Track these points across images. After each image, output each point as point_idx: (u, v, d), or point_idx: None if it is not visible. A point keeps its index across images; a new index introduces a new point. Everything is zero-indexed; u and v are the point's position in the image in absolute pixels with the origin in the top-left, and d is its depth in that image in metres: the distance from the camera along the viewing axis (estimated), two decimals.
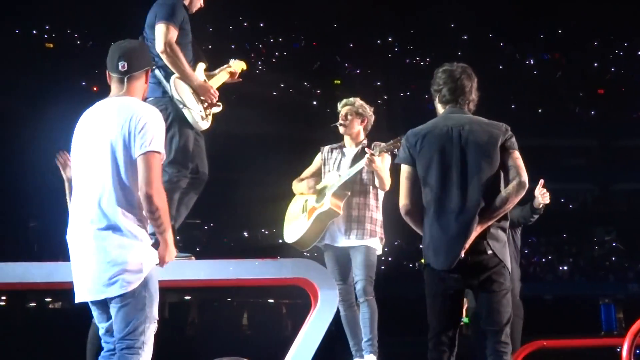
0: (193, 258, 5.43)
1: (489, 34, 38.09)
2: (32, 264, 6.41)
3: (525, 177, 4.76)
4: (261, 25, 36.27)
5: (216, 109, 5.86)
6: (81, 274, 4.24)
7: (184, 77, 5.65)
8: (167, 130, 5.42)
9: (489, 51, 37.52)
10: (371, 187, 6.71)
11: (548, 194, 7.34)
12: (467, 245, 4.65)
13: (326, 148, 7.03)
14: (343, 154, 6.87)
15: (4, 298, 23.77)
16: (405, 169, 5.02)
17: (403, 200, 5.01)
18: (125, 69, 4.32)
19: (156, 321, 4.20)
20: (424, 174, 4.87)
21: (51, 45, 31.20)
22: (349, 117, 6.85)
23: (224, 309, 25.48)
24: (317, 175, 6.99)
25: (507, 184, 4.78)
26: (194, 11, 6.01)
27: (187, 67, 5.67)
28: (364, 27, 35.89)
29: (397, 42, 38.64)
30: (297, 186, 7.04)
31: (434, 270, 4.81)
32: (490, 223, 4.69)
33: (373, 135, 6.96)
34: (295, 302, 21.80)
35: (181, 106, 5.60)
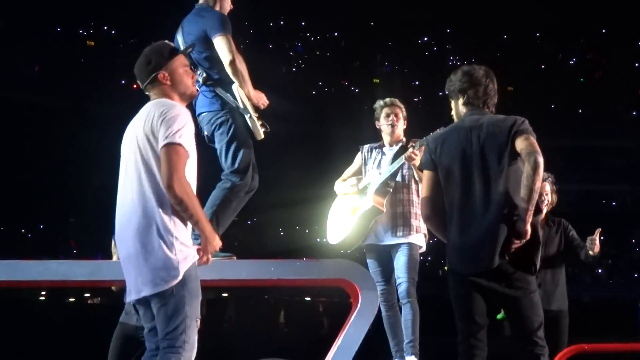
0: (234, 258, 5.46)
1: (529, 33, 37.77)
2: (76, 262, 6.49)
3: (536, 155, 4.61)
4: (302, 24, 36.29)
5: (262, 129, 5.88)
6: (126, 273, 4.28)
7: (245, 86, 5.69)
8: (231, 141, 5.51)
9: (529, 51, 37.25)
10: (413, 183, 6.72)
11: (599, 245, 7.00)
12: (497, 249, 4.63)
13: (366, 147, 7.04)
14: (383, 153, 6.89)
15: (43, 293, 24.01)
16: (427, 174, 5.03)
17: (424, 206, 5.02)
18: (141, 85, 4.49)
19: (198, 319, 4.21)
20: (445, 179, 4.86)
21: (92, 44, 31.40)
22: (401, 119, 6.90)
23: (261, 306, 25.51)
24: (358, 174, 7.02)
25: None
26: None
27: (248, 76, 5.73)
28: (403, 26, 35.77)
29: (436, 41, 38.49)
30: (339, 186, 7.06)
31: (458, 275, 4.80)
32: (529, 215, 4.61)
33: (411, 135, 6.97)
34: (332, 300, 21.84)
35: (247, 115, 5.65)
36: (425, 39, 38.19)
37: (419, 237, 6.65)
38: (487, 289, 4.72)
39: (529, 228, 4.60)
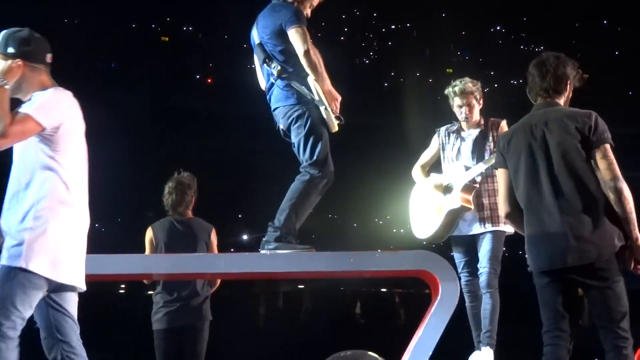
0: (313, 250, 5.49)
1: (603, 19, 37.19)
2: (157, 255, 6.60)
3: (616, 183, 4.60)
4: (374, 15, 36.23)
5: (336, 121, 5.87)
6: None
7: (320, 80, 5.70)
8: (308, 134, 5.54)
9: (604, 37, 36.65)
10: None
11: None
12: (571, 244, 4.59)
13: (442, 130, 6.95)
14: (462, 139, 6.80)
15: (123, 286, 24.35)
16: (499, 172, 5.02)
17: (501, 204, 5.00)
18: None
19: None
20: (514, 176, 4.84)
21: (167, 39, 31.75)
22: (473, 105, 6.80)
23: (337, 297, 25.55)
24: (437, 159, 6.95)
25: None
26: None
27: (323, 68, 5.74)
28: (475, 15, 35.50)
29: (508, 30, 38.11)
30: (419, 176, 7.00)
31: (539, 268, 4.77)
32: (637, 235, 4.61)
33: (488, 115, 6.88)
34: (408, 291, 21.79)
35: (323, 107, 5.67)
36: (499, 27, 37.82)
37: (507, 226, 6.59)
38: (570, 280, 4.69)
39: None
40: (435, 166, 7.01)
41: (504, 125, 6.68)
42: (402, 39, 36.81)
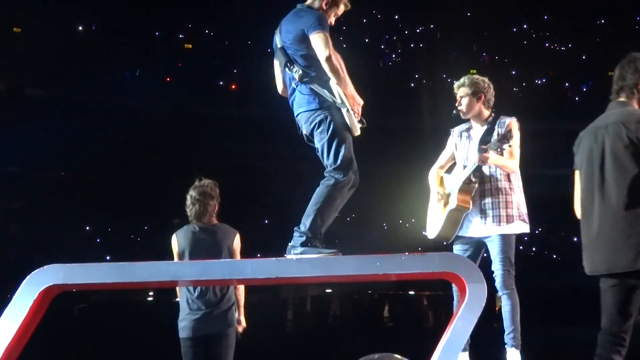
0: (340, 254, 5.48)
1: (631, 14, 36.91)
2: (184, 262, 6.62)
3: None
4: (396, 17, 36.17)
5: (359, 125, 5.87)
6: None
7: (342, 84, 5.71)
8: (332, 138, 5.56)
9: (631, 34, 36.42)
10: (499, 171, 6.67)
11: None
12: (621, 248, 4.57)
13: (456, 131, 7.03)
14: (470, 138, 6.86)
15: (151, 294, 24.44)
16: (576, 174, 5.01)
17: (577, 205, 5.00)
18: None
19: None
20: (580, 178, 4.83)
21: (190, 46, 31.82)
22: (464, 99, 6.85)
23: (365, 301, 25.52)
24: (452, 159, 7.02)
25: None
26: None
27: (346, 74, 5.75)
28: (499, 15, 35.37)
29: (533, 29, 37.92)
30: (431, 177, 7.08)
31: (591, 273, 4.78)
32: None
33: (500, 109, 6.88)
34: (436, 293, 21.75)
35: (345, 110, 5.67)
36: (524, 26, 37.64)
37: (512, 226, 6.61)
38: (626, 283, 4.67)
39: None
40: (454, 166, 7.04)
41: (512, 122, 6.69)
42: (425, 40, 36.75)
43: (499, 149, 6.33)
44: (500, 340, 6.63)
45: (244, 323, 7.53)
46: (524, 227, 6.64)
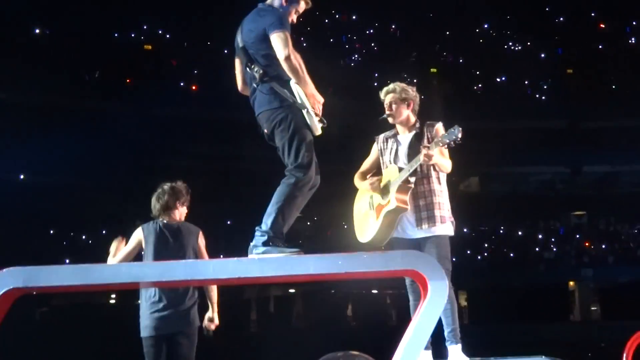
0: (302, 253, 5.46)
1: (588, 12, 37.28)
2: (145, 263, 6.58)
3: None
4: (354, 18, 36.27)
5: (320, 124, 5.86)
6: None
7: (302, 84, 5.69)
8: (292, 137, 5.54)
9: (588, 31, 36.76)
10: (432, 172, 6.70)
11: None
12: None
13: (381, 137, 7.04)
14: (398, 142, 6.87)
15: (113, 296, 24.30)
16: None
17: None
18: None
19: None
20: None
21: (150, 47, 31.69)
22: (394, 105, 6.87)
23: (328, 300, 25.60)
24: (377, 166, 7.02)
25: None
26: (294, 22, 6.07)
27: (306, 73, 5.73)
28: (460, 15, 35.56)
29: (493, 29, 38.17)
30: (359, 183, 7.09)
31: None
32: None
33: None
34: (399, 292, 21.80)
35: (305, 110, 5.65)
36: (485, 26, 37.92)
37: (445, 227, 6.64)
38: None
39: None
40: (377, 174, 7.04)
41: (439, 127, 6.73)
42: (386, 40, 36.85)
43: (442, 145, 6.36)
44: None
45: (217, 321, 7.48)
46: (452, 229, 6.70)
